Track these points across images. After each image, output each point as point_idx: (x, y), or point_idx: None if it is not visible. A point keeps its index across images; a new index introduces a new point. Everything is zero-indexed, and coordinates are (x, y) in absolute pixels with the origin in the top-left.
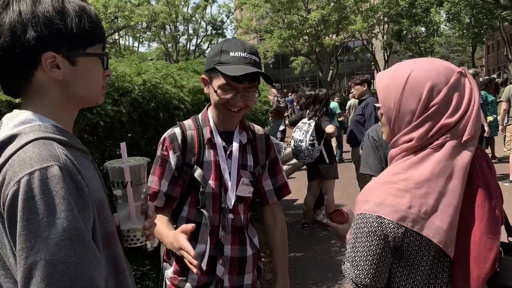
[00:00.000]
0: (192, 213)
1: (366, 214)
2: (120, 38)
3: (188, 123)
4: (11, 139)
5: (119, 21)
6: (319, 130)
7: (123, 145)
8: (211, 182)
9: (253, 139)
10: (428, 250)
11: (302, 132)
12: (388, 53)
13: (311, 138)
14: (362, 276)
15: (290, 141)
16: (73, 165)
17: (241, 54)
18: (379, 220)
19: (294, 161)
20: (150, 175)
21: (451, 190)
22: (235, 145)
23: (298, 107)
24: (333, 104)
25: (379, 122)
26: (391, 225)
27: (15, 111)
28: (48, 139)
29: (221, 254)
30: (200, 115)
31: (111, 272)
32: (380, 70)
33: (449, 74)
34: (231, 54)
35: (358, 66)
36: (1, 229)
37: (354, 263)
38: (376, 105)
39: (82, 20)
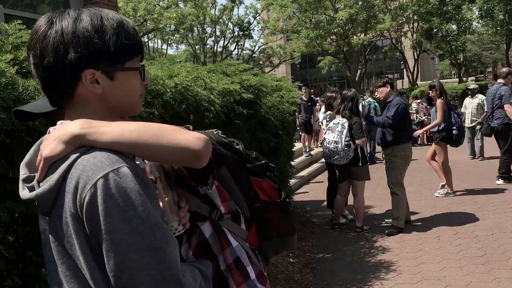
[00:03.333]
0: None
1: None
2: (149, 41)
3: None
4: None
5: (148, 24)
6: (351, 131)
7: None
8: None
9: None
10: None
11: (336, 133)
12: (418, 52)
13: (347, 138)
14: None
15: (319, 144)
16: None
17: None
18: None
19: (315, 165)
20: None
21: None
22: None
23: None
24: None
25: None
26: None
27: (61, 122)
28: None
29: None
30: None
31: None
32: (409, 69)
33: None
34: None
35: (387, 65)
36: (70, 231)
37: None
38: None
39: (119, 37)
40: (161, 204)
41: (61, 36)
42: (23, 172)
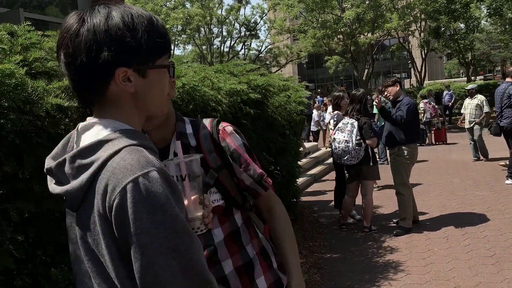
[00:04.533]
0: None
1: None
2: None
3: None
4: (99, 144)
5: None
6: (361, 131)
7: (178, 143)
8: None
9: (194, 142)
10: None
11: (346, 133)
12: (425, 51)
13: (358, 137)
14: None
15: (328, 144)
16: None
17: None
18: None
19: (320, 167)
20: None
21: None
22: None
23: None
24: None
25: None
26: None
27: (91, 119)
28: (137, 145)
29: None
30: None
31: None
32: (417, 69)
33: None
34: None
35: (394, 64)
36: (97, 229)
37: None
38: None
39: (151, 35)
40: (186, 202)
41: (94, 34)
42: (48, 163)
